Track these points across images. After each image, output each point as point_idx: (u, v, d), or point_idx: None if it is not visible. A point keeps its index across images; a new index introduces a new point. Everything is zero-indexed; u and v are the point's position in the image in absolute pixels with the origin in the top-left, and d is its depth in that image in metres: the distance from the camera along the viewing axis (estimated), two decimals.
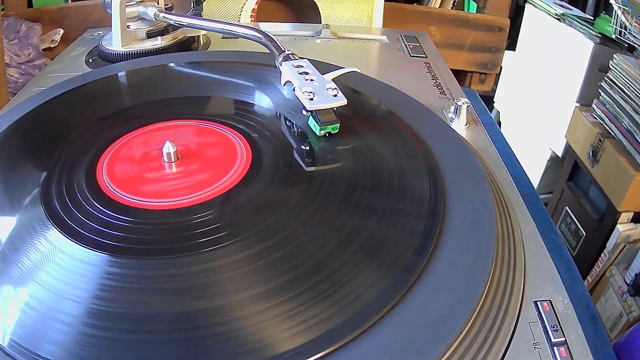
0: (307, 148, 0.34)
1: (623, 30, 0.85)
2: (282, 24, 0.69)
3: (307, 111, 0.35)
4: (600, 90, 0.88)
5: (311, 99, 0.34)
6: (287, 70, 0.38)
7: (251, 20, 0.76)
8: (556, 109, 1.05)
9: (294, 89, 0.36)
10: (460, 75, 0.98)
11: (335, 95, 0.35)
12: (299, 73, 0.37)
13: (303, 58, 0.39)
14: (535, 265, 0.29)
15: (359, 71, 0.41)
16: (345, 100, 0.35)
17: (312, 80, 0.36)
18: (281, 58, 0.39)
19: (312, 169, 0.33)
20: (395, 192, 0.31)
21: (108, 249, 0.26)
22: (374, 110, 0.40)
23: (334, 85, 0.36)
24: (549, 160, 1.13)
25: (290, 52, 0.40)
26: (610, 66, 0.85)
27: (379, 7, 0.75)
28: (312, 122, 0.35)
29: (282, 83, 0.38)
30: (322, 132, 0.35)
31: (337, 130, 0.35)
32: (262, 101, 0.41)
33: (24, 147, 0.36)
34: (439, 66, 0.55)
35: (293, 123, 0.37)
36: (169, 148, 0.33)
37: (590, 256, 0.90)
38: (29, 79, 0.65)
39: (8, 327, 0.23)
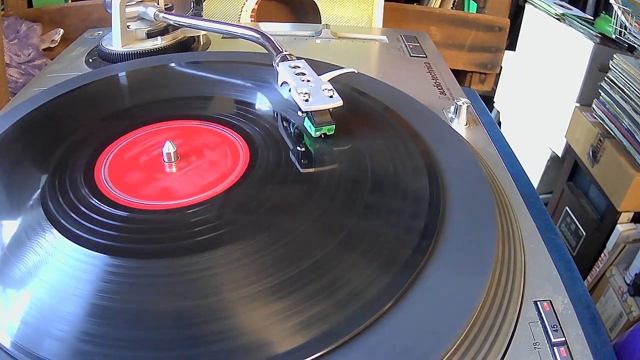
0: (303, 149, 0.34)
1: (623, 30, 0.85)
2: (282, 24, 0.69)
3: (302, 112, 0.35)
4: (600, 90, 0.88)
5: (306, 100, 0.34)
6: (283, 71, 0.38)
7: (251, 20, 0.76)
8: (556, 109, 1.05)
9: (290, 90, 0.36)
10: (460, 75, 0.98)
11: (331, 97, 0.35)
12: (296, 74, 0.37)
13: (301, 58, 0.39)
14: (535, 265, 0.29)
15: (356, 72, 0.41)
16: (341, 102, 0.35)
17: (308, 81, 0.36)
18: (278, 59, 0.39)
19: (308, 170, 0.33)
20: (395, 191, 0.31)
21: (108, 249, 0.26)
22: (374, 110, 0.40)
23: (330, 86, 0.36)
24: (549, 160, 1.13)
25: (287, 52, 0.40)
26: (610, 66, 0.85)
27: (379, 7, 0.75)
28: (307, 123, 0.35)
29: (279, 84, 0.38)
30: (318, 133, 0.35)
31: (333, 131, 0.35)
32: (262, 101, 0.41)
33: (24, 147, 0.36)
34: (439, 66, 0.55)
35: (291, 124, 0.37)
36: (169, 148, 0.33)
37: (590, 256, 0.90)
38: (29, 79, 0.65)
39: (9, 328, 0.23)
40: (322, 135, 0.35)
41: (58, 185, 0.31)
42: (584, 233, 0.93)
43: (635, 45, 0.86)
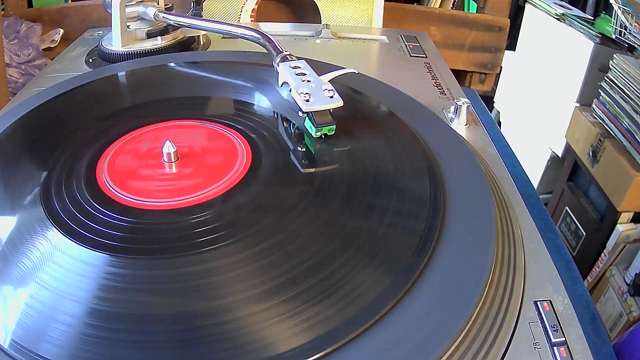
0: (304, 150, 0.34)
1: (623, 30, 0.85)
2: (282, 24, 0.69)
3: (303, 112, 0.35)
4: (600, 90, 0.88)
5: (307, 101, 0.34)
6: (284, 71, 0.38)
7: (251, 20, 0.76)
8: (556, 109, 1.05)
9: (290, 90, 0.36)
10: (460, 75, 0.98)
11: (331, 97, 0.35)
12: (296, 74, 0.37)
13: (301, 59, 0.39)
14: (535, 265, 0.29)
15: (357, 72, 0.41)
16: (342, 102, 0.35)
17: (308, 81, 0.36)
18: (279, 59, 0.39)
19: (309, 170, 0.33)
20: (395, 192, 0.31)
21: (108, 248, 0.26)
22: (374, 110, 0.40)
23: (330, 87, 0.36)
24: (549, 160, 1.13)
25: (288, 52, 0.40)
26: (610, 66, 0.85)
27: (379, 7, 0.75)
28: (308, 124, 0.35)
29: (280, 84, 0.38)
30: (318, 133, 0.35)
31: (334, 131, 0.35)
32: (262, 101, 0.41)
33: (24, 147, 0.36)
34: (439, 66, 0.55)
35: (291, 124, 0.37)
36: (169, 148, 0.33)
37: (590, 256, 0.90)
38: (29, 79, 0.65)
39: (8, 327, 0.23)
40: (323, 136, 0.35)
41: (58, 185, 0.31)
42: (584, 233, 0.93)
43: (635, 45, 0.86)
